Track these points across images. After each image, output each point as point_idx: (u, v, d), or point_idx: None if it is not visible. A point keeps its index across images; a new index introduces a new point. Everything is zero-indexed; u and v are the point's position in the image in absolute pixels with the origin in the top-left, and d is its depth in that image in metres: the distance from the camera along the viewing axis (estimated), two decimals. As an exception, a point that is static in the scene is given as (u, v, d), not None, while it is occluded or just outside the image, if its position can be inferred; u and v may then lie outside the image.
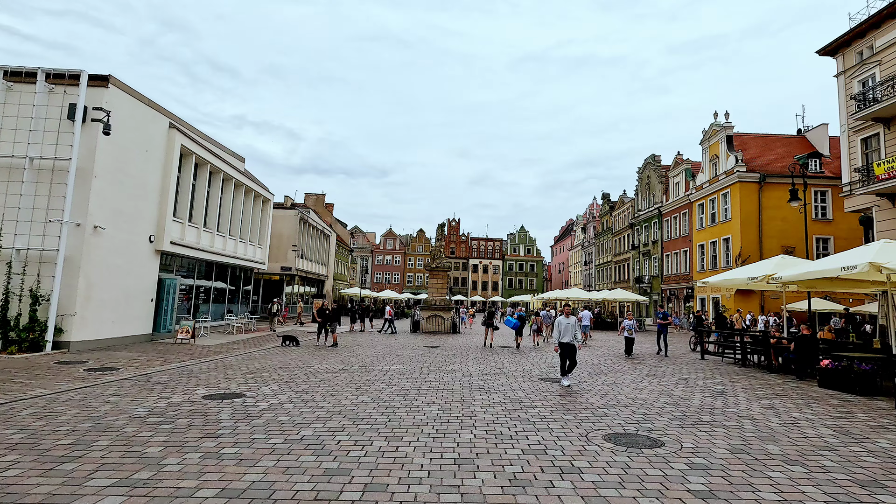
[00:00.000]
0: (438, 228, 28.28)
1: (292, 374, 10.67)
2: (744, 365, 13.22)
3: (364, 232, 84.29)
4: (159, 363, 11.90)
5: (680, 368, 12.86)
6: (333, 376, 10.43)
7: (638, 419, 7.00)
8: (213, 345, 16.68)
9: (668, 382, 10.52)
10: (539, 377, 10.87)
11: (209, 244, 20.99)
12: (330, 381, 9.72)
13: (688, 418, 7.11)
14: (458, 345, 19.18)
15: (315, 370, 11.29)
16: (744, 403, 8.39)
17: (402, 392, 8.74)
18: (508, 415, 7.13)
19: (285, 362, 12.58)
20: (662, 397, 8.75)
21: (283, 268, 34.09)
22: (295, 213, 34.56)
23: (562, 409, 7.60)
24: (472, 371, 11.69)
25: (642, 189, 48.06)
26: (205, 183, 20.42)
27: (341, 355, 14.53)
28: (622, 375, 11.28)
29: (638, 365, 13.37)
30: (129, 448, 5.19)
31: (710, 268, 35.18)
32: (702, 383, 10.48)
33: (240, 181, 23.71)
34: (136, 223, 16.05)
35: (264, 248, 27.91)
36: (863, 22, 21.94)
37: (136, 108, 15.88)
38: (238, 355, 13.98)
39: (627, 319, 15.79)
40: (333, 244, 49.06)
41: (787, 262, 12.94)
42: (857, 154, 22.68)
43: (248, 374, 10.57)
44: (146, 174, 16.47)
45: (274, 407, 7.33)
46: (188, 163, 19.00)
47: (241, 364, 12.14)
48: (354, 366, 12.22)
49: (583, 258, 69.29)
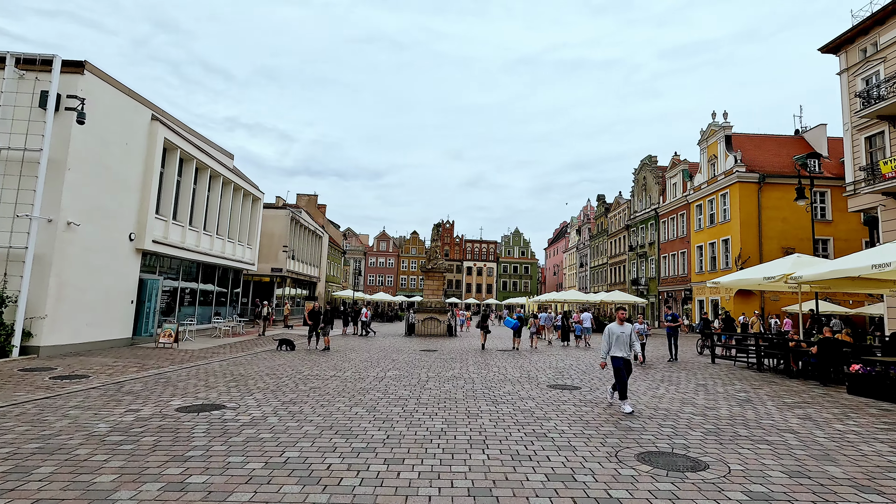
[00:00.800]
0: (434, 228, 27.48)
1: (280, 381, 9.80)
2: (759, 369, 12.53)
3: (357, 234, 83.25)
4: (135, 369, 10.97)
5: (693, 374, 12.15)
6: (324, 384, 9.57)
7: (668, 433, 6.23)
8: (198, 349, 15.74)
9: (685, 389, 9.78)
10: (547, 384, 10.09)
11: (195, 243, 20.02)
12: (320, 390, 8.86)
13: (723, 432, 6.35)
14: (455, 348, 18.37)
15: (305, 377, 10.42)
16: (776, 413, 7.66)
17: (401, 402, 7.91)
18: (522, 429, 6.33)
19: (273, 368, 11.70)
20: (686, 407, 7.99)
21: (274, 269, 33.06)
22: (286, 213, 33.57)
23: (580, 422, 6.81)
24: (475, 377, 10.88)
25: (638, 190, 47.60)
26: (191, 179, 19.46)
27: (333, 360, 13.66)
28: (634, 382, 10.52)
29: (648, 370, 12.64)
30: (76, 476, 4.31)
31: (709, 269, 34.69)
32: (722, 390, 9.75)
33: (228, 178, 22.76)
34: (115, 220, 15.08)
35: (254, 248, 26.93)
36: (867, 18, 21.52)
37: (116, 97, 14.93)
38: (223, 360, 13.06)
39: (638, 323, 14.60)
40: (326, 245, 48.05)
41: (803, 261, 12.29)
42: (861, 153, 22.23)
43: (232, 381, 9.68)
44: (127, 168, 15.50)
45: (256, 421, 6.47)
46: (172, 158, 18.05)
47: (226, 370, 11.24)
48: (347, 372, 11.36)
49: (577, 260, 68.79)
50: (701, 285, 35.46)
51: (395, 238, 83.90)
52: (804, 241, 31.53)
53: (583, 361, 14.52)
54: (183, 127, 19.76)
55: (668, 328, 15.26)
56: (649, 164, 45.68)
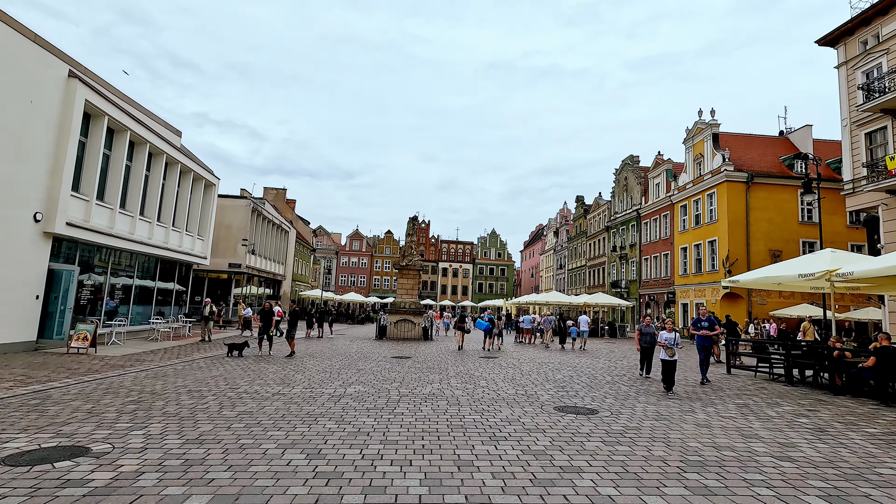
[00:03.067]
0: (409, 222, 25.10)
1: (200, 402, 7.28)
2: (790, 382, 10.70)
3: (329, 232, 79.77)
4: (9, 384, 8.23)
5: (720, 390, 10.18)
6: (260, 407, 7.10)
7: (767, 497, 4.10)
8: (120, 356, 12.92)
9: (730, 414, 7.74)
10: (553, 405, 7.88)
11: (129, 230, 17.06)
12: (250, 418, 6.41)
13: (846, 494, 4.27)
14: (431, 354, 16.04)
15: (238, 396, 7.91)
16: (878, 452, 5.67)
17: (360, 439, 5.55)
18: (546, 490, 4.08)
19: (202, 382, 9.12)
20: (753, 444, 5.90)
21: (232, 265, 29.96)
22: (246, 204, 30.54)
23: (627, 474, 4.60)
24: (459, 395, 8.59)
25: (619, 191, 46.39)
26: (123, 155, 16.50)
27: (285, 370, 11.14)
28: (657, 404, 8.45)
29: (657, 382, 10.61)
30: None
31: (694, 272, 33.47)
32: (775, 414, 7.75)
33: (174, 157, 19.80)
34: (10, 195, 12.12)
35: (206, 240, 23.93)
36: (869, 8, 20.40)
37: (16, 43, 12.03)
38: (143, 370, 10.38)
39: (666, 331, 9.85)
40: (293, 242, 44.92)
41: (840, 257, 10.55)
42: (861, 149, 21.12)
43: (133, 403, 7.10)
44: (30, 132, 12.57)
45: (117, 484, 4.01)
46: (98, 126, 15.12)
47: (137, 385, 8.61)
48: (297, 387, 8.89)
49: (555, 262, 67.48)
50: (685, 288, 34.25)
51: (369, 237, 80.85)
52: (790, 243, 30.63)
53: (581, 371, 12.42)
54: (116, 93, 16.82)
55: (701, 339, 10.96)
56: (631, 164, 44.51)
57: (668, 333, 9.65)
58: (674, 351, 9.37)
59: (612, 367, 13.69)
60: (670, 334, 9.59)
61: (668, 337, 9.59)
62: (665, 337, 9.64)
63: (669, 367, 9.37)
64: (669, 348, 9.39)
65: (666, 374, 9.41)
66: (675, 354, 9.39)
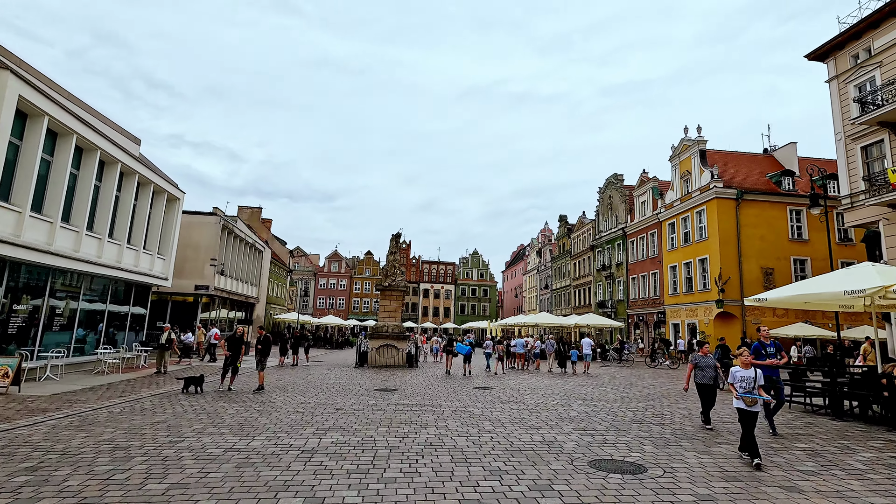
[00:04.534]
0: (392, 239, 23.44)
1: (119, 468, 5.39)
2: (839, 417, 9.30)
3: (307, 253, 77.17)
4: None
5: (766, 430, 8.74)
6: (201, 475, 5.26)
7: None
8: (49, 395, 10.78)
9: (807, 466, 6.25)
10: (585, 459, 6.24)
11: (72, 247, 14.94)
12: (186, 493, 4.58)
13: None
14: (419, 384, 14.22)
15: (177, 454, 6.04)
16: None
17: (339, 531, 3.81)
18: None
19: (136, 432, 7.17)
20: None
21: (199, 286, 27.61)
22: (216, 221, 28.41)
23: None
24: (462, 445, 6.88)
25: (604, 209, 45.80)
26: (68, 162, 14.51)
27: (247, 411, 9.22)
28: (709, 452, 6.91)
29: (710, 431, 9.09)
30: None
31: (685, 290, 32.58)
32: (856, 462, 6.28)
33: (130, 167, 17.81)
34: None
35: (167, 259, 21.74)
36: (859, 22, 20.17)
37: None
38: (68, 416, 8.35)
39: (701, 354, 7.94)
40: (268, 262, 42.58)
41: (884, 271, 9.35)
42: (857, 163, 20.61)
43: (25, 474, 5.18)
44: (-55, 129, 10.61)
45: None
46: (36, 127, 13.17)
47: (49, 440, 6.64)
48: (258, 437, 7.04)
49: (539, 283, 66.38)
50: (676, 307, 33.30)
51: (349, 258, 78.54)
52: (781, 261, 30.04)
53: (594, 404, 10.81)
54: (62, 92, 14.94)
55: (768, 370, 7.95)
56: (615, 183, 44.04)
57: (743, 371, 6.26)
58: (755, 399, 6.06)
59: (625, 398, 12.14)
60: (748, 371, 6.23)
61: (744, 376, 6.19)
62: (741, 376, 6.21)
63: (750, 422, 6.07)
64: (748, 396, 6.07)
65: (747, 434, 6.12)
66: (756, 403, 6.09)
